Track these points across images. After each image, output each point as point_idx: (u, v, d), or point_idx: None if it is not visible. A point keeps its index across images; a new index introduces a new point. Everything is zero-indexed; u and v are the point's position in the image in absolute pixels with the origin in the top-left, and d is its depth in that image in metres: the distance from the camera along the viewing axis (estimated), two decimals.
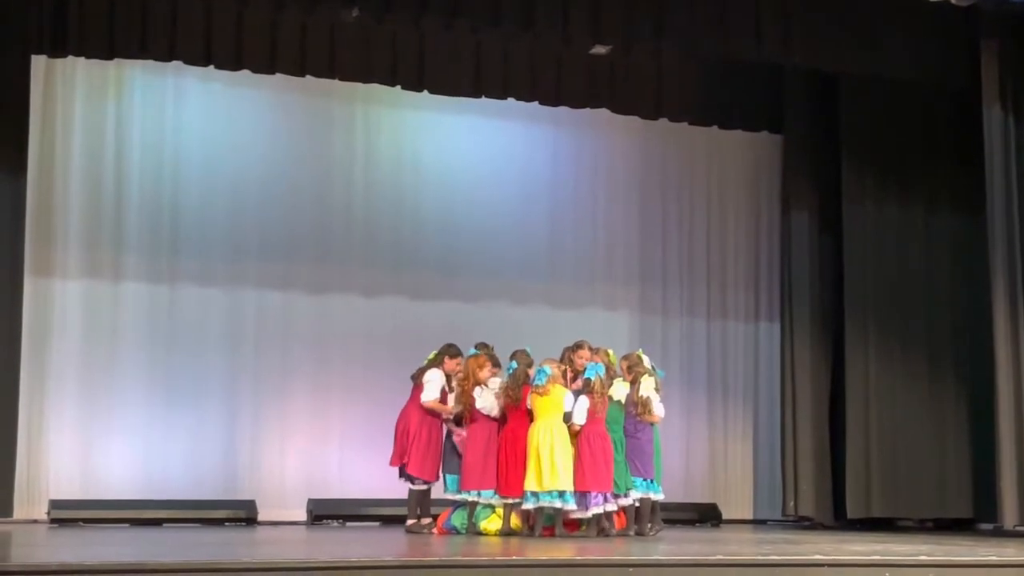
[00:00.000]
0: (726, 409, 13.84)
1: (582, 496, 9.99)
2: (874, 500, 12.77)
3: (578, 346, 10.52)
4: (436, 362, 10.72)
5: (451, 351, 10.75)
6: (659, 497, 10.48)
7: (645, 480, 10.35)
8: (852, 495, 12.72)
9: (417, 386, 10.69)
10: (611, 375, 10.45)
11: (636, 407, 10.35)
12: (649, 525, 10.36)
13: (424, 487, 10.69)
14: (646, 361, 10.58)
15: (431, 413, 10.62)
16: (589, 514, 10.02)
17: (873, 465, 12.80)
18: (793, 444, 13.04)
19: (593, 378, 10.15)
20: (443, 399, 10.69)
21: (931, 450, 12.93)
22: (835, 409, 13.17)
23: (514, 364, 10.13)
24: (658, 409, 10.43)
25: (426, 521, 10.74)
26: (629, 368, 10.54)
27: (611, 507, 10.14)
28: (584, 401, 10.09)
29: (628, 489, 10.28)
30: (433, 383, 10.63)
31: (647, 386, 10.45)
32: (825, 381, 13.23)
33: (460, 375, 10.46)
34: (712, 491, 13.57)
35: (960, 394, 13.01)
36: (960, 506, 12.91)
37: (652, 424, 10.44)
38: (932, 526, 12.94)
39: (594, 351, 10.57)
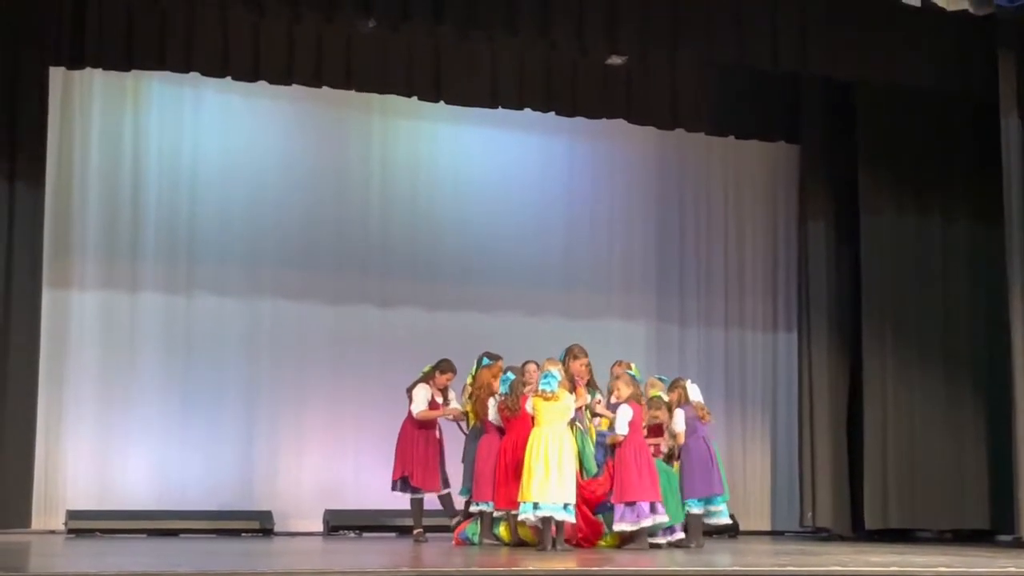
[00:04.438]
0: (743, 419, 13.81)
1: (630, 507, 9.83)
2: (892, 511, 12.74)
3: (575, 355, 10.46)
4: (428, 376, 10.84)
5: (443, 366, 10.87)
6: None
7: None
8: (870, 506, 12.68)
9: (410, 401, 10.90)
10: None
11: (698, 412, 10.38)
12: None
13: (420, 496, 10.79)
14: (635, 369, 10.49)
15: (425, 425, 10.71)
16: (640, 525, 9.84)
17: (891, 476, 12.76)
18: (811, 455, 13.01)
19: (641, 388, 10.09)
20: (433, 408, 10.84)
21: (949, 461, 12.89)
22: (853, 419, 13.13)
23: (510, 375, 10.10)
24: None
25: (417, 531, 10.78)
26: (672, 387, 10.55)
27: (663, 519, 9.91)
28: (627, 411, 9.92)
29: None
30: (420, 396, 10.80)
31: (695, 391, 10.52)
32: (843, 391, 13.20)
33: (475, 385, 10.47)
34: (730, 502, 13.49)
35: (978, 404, 12.96)
36: (978, 517, 12.85)
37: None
38: (950, 537, 12.89)
39: (617, 364, 10.56)
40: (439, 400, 10.89)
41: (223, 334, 12.32)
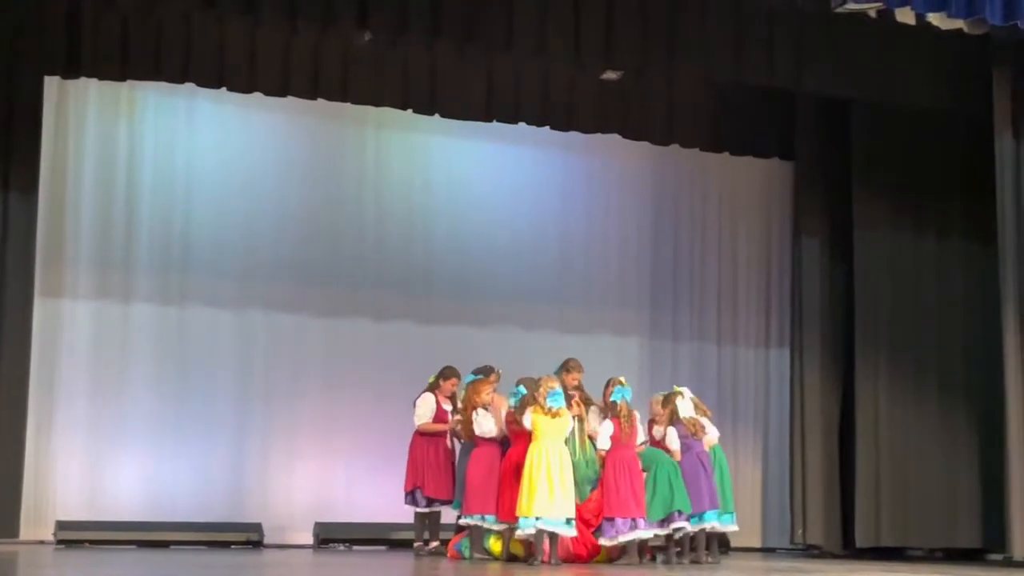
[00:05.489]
0: (735, 435, 13.78)
1: (609, 523, 9.89)
2: (884, 529, 12.72)
3: (569, 369, 10.51)
4: (432, 386, 10.86)
5: (446, 372, 10.94)
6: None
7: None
8: (861, 524, 12.66)
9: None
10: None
11: (690, 428, 10.38)
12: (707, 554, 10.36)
13: (428, 510, 10.75)
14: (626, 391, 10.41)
15: (431, 434, 10.68)
16: (618, 540, 9.90)
17: (883, 493, 12.74)
18: (802, 472, 12.99)
19: (619, 401, 10.10)
20: (440, 419, 10.79)
21: (941, 479, 12.88)
22: (845, 436, 13.12)
23: (522, 389, 10.09)
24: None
25: (434, 544, 10.77)
26: (664, 403, 10.55)
27: (645, 534, 9.97)
28: (609, 426, 10.03)
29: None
30: (422, 406, 10.83)
31: (686, 407, 10.48)
32: (835, 408, 13.19)
33: (462, 402, 10.48)
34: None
35: (971, 423, 12.95)
36: (970, 536, 12.84)
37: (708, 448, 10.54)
38: (942, 556, 12.87)
39: (611, 381, 10.56)
40: (447, 408, 10.89)
41: (216, 346, 12.29)
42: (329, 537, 11.96)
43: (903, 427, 12.89)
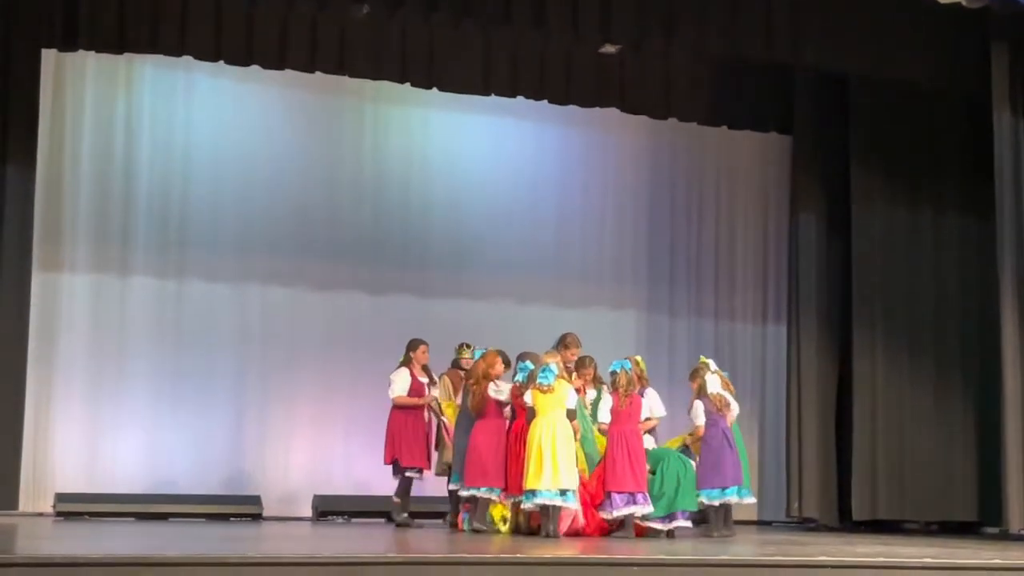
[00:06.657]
0: None
1: (609, 497, 9.91)
2: (880, 502, 12.76)
3: (567, 345, 10.53)
4: (405, 362, 10.95)
5: (413, 344, 11.03)
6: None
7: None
8: (858, 497, 12.71)
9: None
10: (643, 383, 10.43)
11: (716, 403, 10.36)
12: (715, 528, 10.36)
13: (410, 479, 10.79)
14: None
15: (408, 407, 10.74)
16: (614, 515, 9.93)
17: (879, 467, 12.79)
18: (799, 446, 13.03)
19: (619, 371, 10.09)
20: (417, 392, 10.83)
21: (937, 453, 12.92)
22: (841, 411, 13.15)
23: (529, 364, 10.09)
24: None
25: (402, 516, 10.82)
26: (692, 376, 10.57)
27: (645, 509, 9.95)
28: (608, 399, 10.06)
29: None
30: (397, 381, 10.89)
31: (714, 383, 10.46)
32: (832, 383, 13.21)
33: (470, 379, 10.47)
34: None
35: (967, 397, 12.99)
36: (966, 509, 12.89)
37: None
38: (937, 529, 12.92)
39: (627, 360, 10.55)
40: (423, 379, 10.93)
41: (214, 319, 12.31)
42: (328, 510, 12.01)
43: (899, 401, 12.92)
